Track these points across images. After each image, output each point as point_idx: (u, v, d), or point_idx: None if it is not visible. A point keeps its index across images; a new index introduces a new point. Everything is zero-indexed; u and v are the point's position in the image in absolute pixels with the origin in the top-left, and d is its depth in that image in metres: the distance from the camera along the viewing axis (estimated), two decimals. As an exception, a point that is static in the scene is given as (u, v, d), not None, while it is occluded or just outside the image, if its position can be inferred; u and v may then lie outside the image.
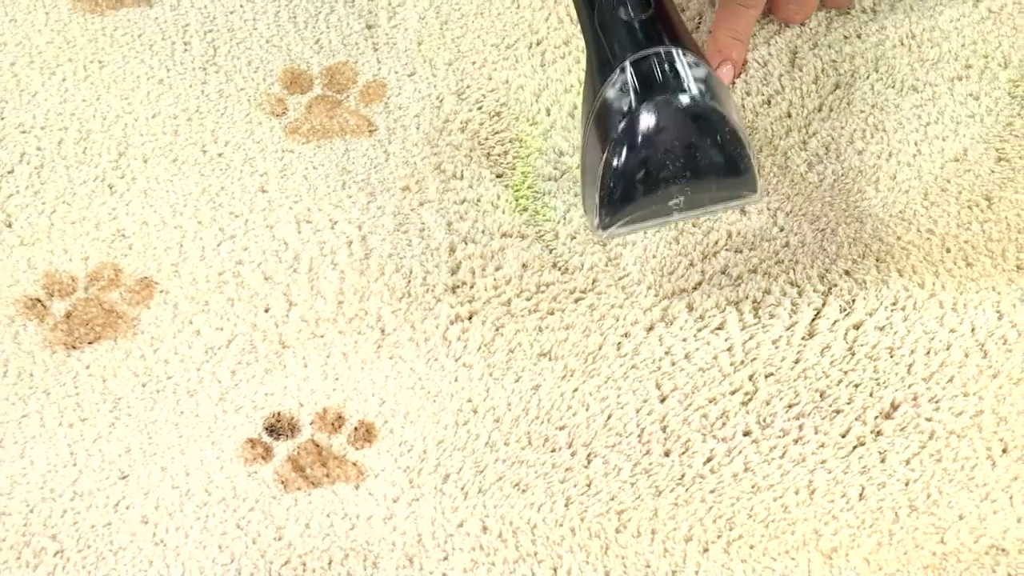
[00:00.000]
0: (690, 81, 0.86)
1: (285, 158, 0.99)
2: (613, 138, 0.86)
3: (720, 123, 0.87)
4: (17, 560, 0.86)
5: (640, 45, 0.87)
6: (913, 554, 0.86)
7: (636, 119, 0.86)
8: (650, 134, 0.86)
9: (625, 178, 0.88)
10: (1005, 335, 0.93)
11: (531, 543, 0.87)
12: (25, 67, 1.02)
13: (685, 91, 0.86)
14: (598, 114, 0.88)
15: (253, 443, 0.90)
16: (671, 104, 0.86)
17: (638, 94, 0.86)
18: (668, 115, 0.86)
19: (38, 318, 0.94)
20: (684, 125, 0.87)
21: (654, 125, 0.86)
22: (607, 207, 0.89)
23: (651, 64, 0.87)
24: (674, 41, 0.88)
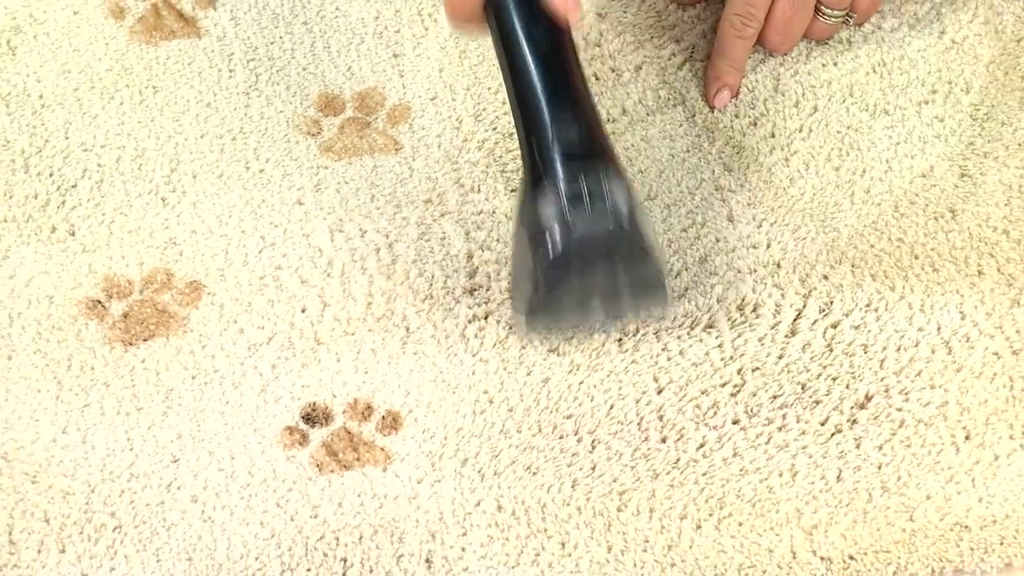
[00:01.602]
0: (615, 207, 0.85)
1: (320, 174, 0.99)
2: (543, 257, 0.86)
3: (638, 246, 0.87)
4: (80, 534, 0.86)
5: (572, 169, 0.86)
6: (885, 530, 0.86)
7: (565, 239, 0.85)
8: (578, 255, 0.86)
9: (555, 299, 0.88)
10: (968, 333, 0.92)
11: (541, 520, 0.87)
12: (87, 92, 1.02)
13: (611, 216, 0.85)
14: (530, 228, 0.86)
15: (291, 430, 0.90)
16: (597, 229, 0.85)
17: (568, 214, 0.85)
18: (593, 239, 0.85)
19: (98, 317, 0.94)
20: (607, 249, 0.86)
21: (581, 247, 0.85)
22: (533, 316, 0.90)
23: (582, 192, 0.85)
24: (602, 162, 0.86)
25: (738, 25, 1.00)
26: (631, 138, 1.00)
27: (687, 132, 1.00)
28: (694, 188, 0.98)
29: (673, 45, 1.04)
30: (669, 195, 0.98)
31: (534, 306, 0.89)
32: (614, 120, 1.00)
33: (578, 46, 1.02)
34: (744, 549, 0.86)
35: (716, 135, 1.00)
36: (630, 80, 1.03)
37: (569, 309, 0.90)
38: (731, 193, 0.98)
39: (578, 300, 0.89)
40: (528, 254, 0.87)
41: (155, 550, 0.86)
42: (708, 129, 1.00)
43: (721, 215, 0.97)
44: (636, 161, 0.99)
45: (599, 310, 0.91)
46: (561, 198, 0.85)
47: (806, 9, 1.00)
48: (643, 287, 0.90)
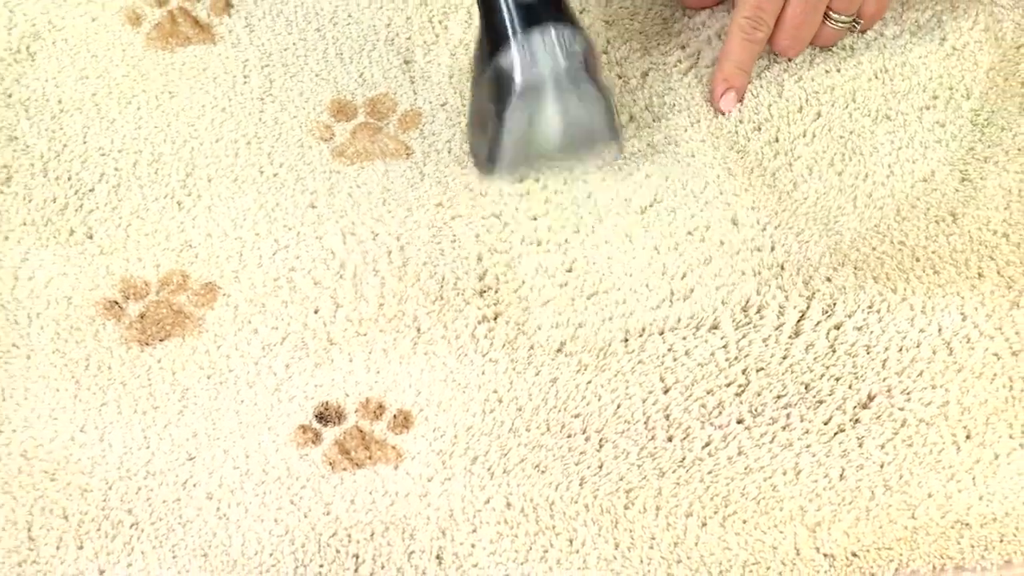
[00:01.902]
0: (569, 54, 0.91)
1: (332, 178, 0.99)
2: (505, 102, 0.91)
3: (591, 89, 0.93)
4: (98, 531, 0.86)
5: (528, 23, 0.91)
6: (887, 528, 0.86)
7: (524, 87, 0.91)
8: (536, 101, 0.92)
9: (513, 139, 0.93)
10: (968, 335, 0.92)
11: (550, 518, 0.87)
12: (105, 97, 1.02)
13: (564, 63, 0.91)
14: (491, 78, 0.92)
15: (304, 429, 0.90)
16: (553, 75, 0.91)
17: (525, 64, 0.91)
18: (550, 85, 0.92)
19: (116, 318, 0.94)
20: (563, 93, 0.92)
21: (538, 95, 0.92)
22: (498, 155, 0.95)
23: (537, 39, 0.91)
24: (557, 18, 0.92)
25: (748, 29, 1.00)
26: (638, 143, 1.00)
27: (692, 137, 1.00)
28: (699, 192, 0.98)
29: (679, 52, 1.04)
30: (674, 199, 0.98)
31: (493, 148, 0.94)
32: (622, 126, 1.00)
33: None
34: (749, 546, 0.86)
35: (720, 140, 1.00)
36: (637, 86, 1.03)
37: (527, 147, 0.95)
38: (735, 197, 0.98)
39: (536, 140, 0.94)
40: (487, 98, 0.92)
41: (171, 546, 0.86)
42: (713, 134, 1.00)
43: (726, 218, 0.97)
44: (642, 166, 0.99)
45: (555, 148, 0.95)
46: (518, 43, 0.91)
47: (816, 13, 1.00)
48: (595, 128, 0.95)
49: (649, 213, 0.97)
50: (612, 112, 0.95)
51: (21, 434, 0.89)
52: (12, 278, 0.95)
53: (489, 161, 0.96)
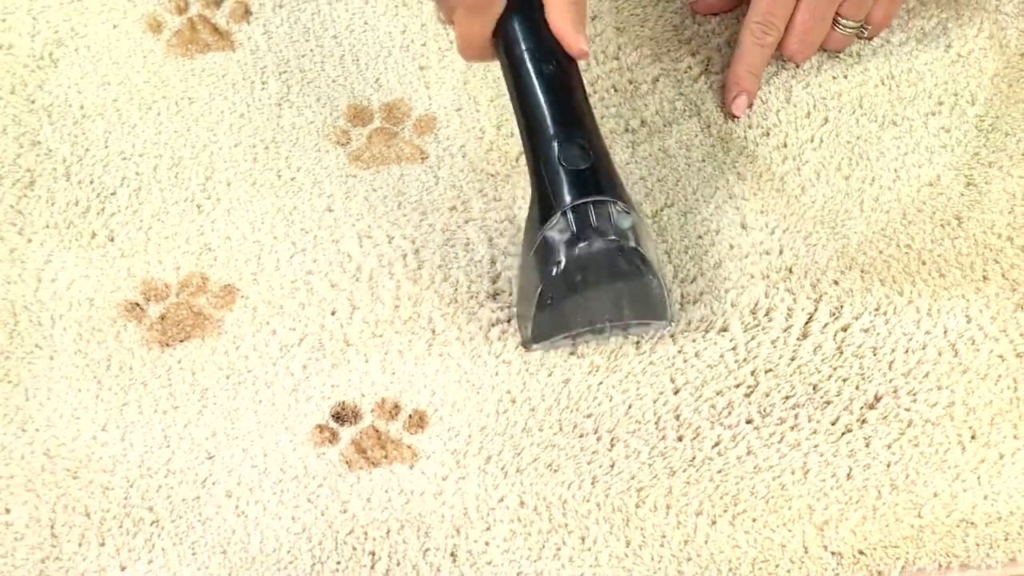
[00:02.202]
0: (619, 228, 0.87)
1: (349, 182, 0.99)
2: (550, 274, 0.87)
3: (640, 265, 0.88)
4: (120, 528, 0.86)
5: (578, 194, 0.87)
6: (894, 527, 0.86)
7: (571, 260, 0.86)
8: (582, 274, 0.87)
9: (556, 311, 0.89)
10: (973, 336, 0.92)
11: (562, 516, 0.86)
12: (126, 103, 1.02)
13: (614, 237, 0.87)
14: (538, 248, 0.87)
15: (321, 428, 0.90)
16: (601, 247, 0.87)
17: (574, 237, 0.86)
18: (598, 257, 0.87)
19: (137, 319, 0.94)
20: (611, 267, 0.88)
21: (586, 267, 0.87)
22: (538, 330, 0.90)
23: (587, 211, 0.87)
24: (608, 191, 0.87)
25: (759, 33, 0.99)
26: (649, 148, 1.00)
27: (703, 142, 1.00)
28: (709, 196, 0.98)
29: (689, 58, 1.04)
30: (685, 203, 0.98)
31: (539, 323, 0.90)
32: (633, 131, 1.00)
33: (597, 59, 1.03)
34: (758, 544, 0.85)
35: (730, 145, 1.00)
36: (648, 92, 1.02)
37: (573, 326, 0.91)
38: (745, 201, 0.98)
39: (581, 317, 0.90)
40: (535, 272, 0.88)
41: (191, 543, 0.86)
42: (723, 139, 1.00)
43: (735, 222, 0.97)
44: (654, 170, 0.99)
45: (602, 327, 0.91)
46: (568, 219, 0.87)
47: (825, 19, 1.00)
48: (645, 305, 0.90)
49: (660, 217, 0.97)
50: (662, 288, 0.89)
51: (44, 433, 0.89)
52: (35, 280, 0.95)
53: (532, 339, 0.91)
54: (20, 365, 0.92)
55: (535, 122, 0.90)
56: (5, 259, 0.96)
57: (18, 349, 0.92)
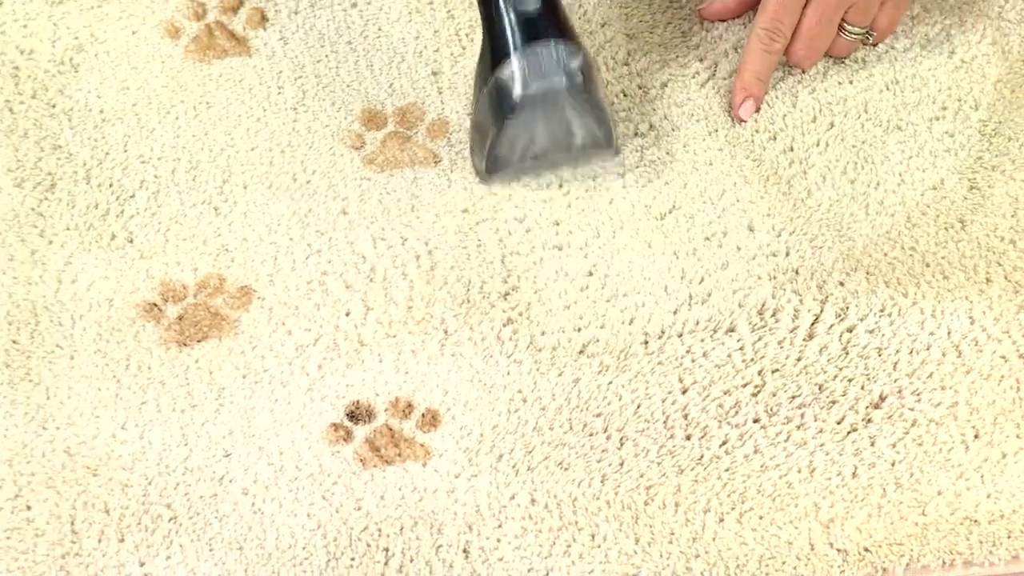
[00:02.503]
0: (568, 68, 0.92)
1: (363, 185, 0.99)
2: (504, 114, 0.92)
3: (588, 101, 0.93)
4: (138, 525, 0.86)
5: (528, 37, 0.92)
6: (898, 524, 0.86)
7: (523, 101, 0.92)
8: (533, 113, 0.92)
9: (512, 147, 0.94)
10: (976, 338, 0.92)
11: (572, 513, 0.86)
12: (145, 107, 1.02)
13: (562, 77, 0.92)
14: (491, 90, 0.93)
15: (336, 427, 0.90)
16: (552, 88, 0.92)
17: (525, 80, 0.92)
18: (548, 98, 0.92)
19: (155, 320, 0.94)
20: (561, 106, 0.93)
21: (537, 106, 0.92)
22: (495, 164, 0.95)
23: (536, 53, 0.92)
24: (556, 34, 0.93)
25: (766, 40, 0.99)
26: (657, 151, 1.00)
27: (710, 146, 1.00)
28: (716, 199, 0.98)
29: (697, 64, 1.03)
30: (692, 205, 0.98)
31: (493, 155, 0.94)
32: (642, 135, 1.00)
33: (607, 65, 1.03)
34: (764, 541, 0.85)
35: (737, 149, 1.00)
36: (656, 96, 1.02)
37: (524, 153, 0.95)
38: (751, 204, 0.97)
39: (534, 149, 0.95)
40: (488, 113, 0.93)
41: (208, 540, 0.86)
42: (730, 143, 1.00)
43: (742, 224, 0.97)
44: (662, 173, 0.99)
45: (552, 157, 0.96)
46: (520, 58, 0.91)
47: (831, 26, 1.00)
48: (593, 138, 0.95)
49: (668, 219, 0.97)
50: (608, 124, 0.95)
51: (64, 431, 0.89)
52: (56, 281, 0.95)
53: (487, 172, 0.96)
54: (41, 364, 0.92)
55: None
56: (27, 260, 0.96)
57: (39, 349, 0.92)
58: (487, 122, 0.94)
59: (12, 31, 1.05)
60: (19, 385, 0.91)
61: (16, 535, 0.86)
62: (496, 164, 0.96)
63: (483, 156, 0.95)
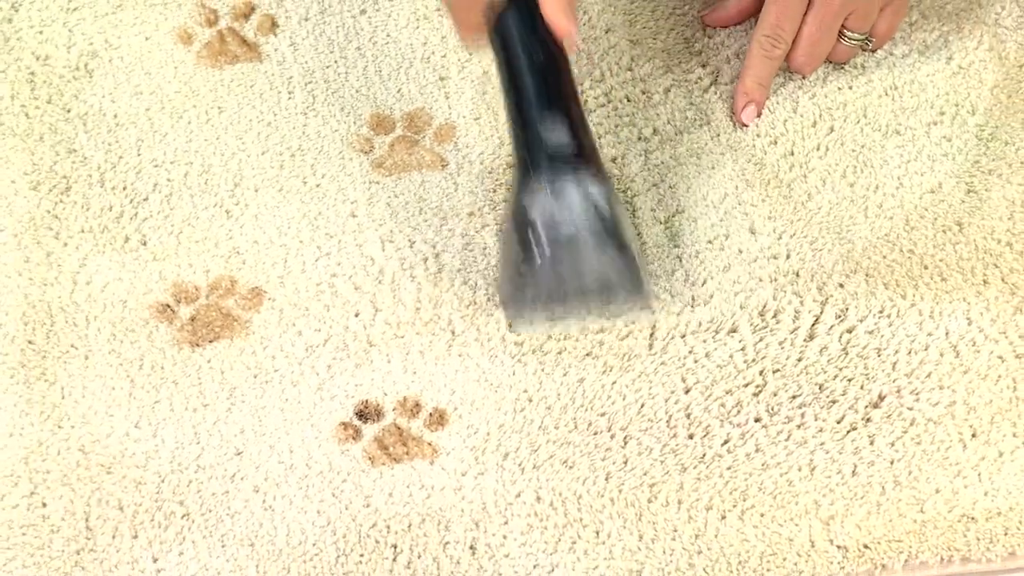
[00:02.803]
0: (599, 207, 0.86)
1: (372, 188, 0.99)
2: (530, 257, 0.87)
3: (616, 242, 0.87)
4: (151, 521, 0.86)
5: (558, 171, 0.87)
6: (897, 521, 0.86)
7: (549, 236, 0.86)
8: (558, 249, 0.86)
9: (536, 288, 0.88)
10: (974, 338, 0.92)
11: (577, 511, 0.86)
12: (158, 112, 1.02)
13: (591, 212, 0.86)
14: (518, 223, 0.87)
15: (345, 426, 0.90)
16: (580, 230, 0.86)
17: (554, 214, 0.86)
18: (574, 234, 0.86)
19: (168, 321, 0.94)
20: (587, 243, 0.87)
21: (563, 244, 0.86)
22: (519, 306, 0.90)
23: (566, 187, 0.86)
24: (585, 164, 0.87)
25: (767, 46, 0.99)
26: (660, 156, 0.99)
27: (712, 150, 1.00)
28: (718, 202, 0.98)
29: (700, 69, 1.03)
30: (695, 209, 0.97)
31: (519, 296, 0.90)
32: (646, 139, 1.00)
33: (611, 71, 1.03)
34: (766, 538, 0.85)
35: (739, 153, 1.00)
36: (660, 102, 1.02)
37: (552, 300, 0.90)
38: (753, 207, 0.97)
39: (560, 292, 0.89)
40: (516, 247, 0.88)
41: (220, 536, 0.86)
42: (732, 147, 1.00)
43: (744, 227, 0.97)
44: (666, 177, 0.99)
45: (580, 303, 0.90)
46: (547, 195, 0.86)
47: (831, 32, 1.00)
48: (621, 281, 0.89)
49: (672, 223, 0.97)
50: (638, 268, 0.89)
51: (79, 430, 0.89)
52: (71, 282, 0.95)
53: (513, 315, 0.91)
54: (56, 364, 0.92)
55: (520, 99, 0.89)
56: (42, 262, 0.96)
57: (54, 349, 0.92)
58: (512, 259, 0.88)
59: (28, 37, 1.05)
60: (35, 384, 0.91)
61: (32, 531, 0.86)
62: (523, 308, 0.90)
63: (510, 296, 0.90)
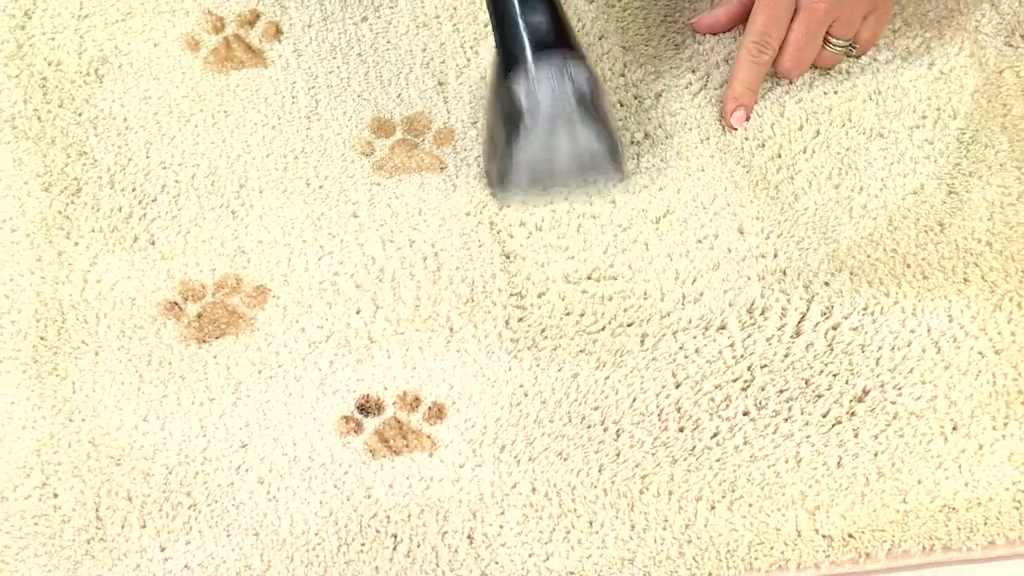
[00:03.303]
0: (576, 81, 0.91)
1: (373, 190, 0.99)
2: (514, 130, 0.91)
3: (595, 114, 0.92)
4: (159, 511, 0.86)
5: (538, 49, 0.91)
6: (881, 512, 0.86)
7: (532, 116, 0.90)
8: (544, 125, 0.91)
9: (522, 163, 0.92)
10: (955, 335, 0.92)
11: (571, 501, 0.86)
12: (166, 116, 1.02)
13: (571, 93, 0.90)
14: (503, 101, 0.91)
15: (347, 419, 0.89)
16: (560, 104, 0.90)
17: (534, 94, 0.90)
18: (557, 113, 0.91)
19: (175, 318, 0.94)
20: (569, 116, 0.91)
21: (545, 122, 0.91)
22: (506, 182, 0.94)
23: (547, 66, 0.90)
24: (566, 47, 0.91)
25: (755, 52, 0.99)
26: (651, 159, 0.99)
27: (702, 153, 1.00)
28: (708, 203, 0.98)
29: (690, 75, 1.03)
30: (685, 209, 0.97)
31: (506, 173, 0.93)
32: (637, 143, 1.00)
33: (605, 76, 1.03)
34: (754, 528, 0.85)
35: (728, 156, 1.00)
36: (651, 106, 1.02)
37: (537, 173, 0.93)
38: (741, 208, 0.97)
39: (544, 166, 0.92)
40: (501, 128, 0.91)
41: (226, 526, 0.86)
42: (721, 150, 1.00)
43: (732, 228, 0.96)
44: (657, 179, 0.98)
45: (562, 174, 0.94)
46: (531, 79, 0.89)
47: (816, 39, 1.00)
48: (600, 155, 0.93)
49: (663, 223, 0.97)
50: (614, 139, 0.94)
51: (90, 423, 0.89)
52: (82, 281, 0.95)
53: (500, 184, 0.95)
54: (68, 360, 0.92)
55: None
56: (54, 261, 0.95)
57: (66, 345, 0.92)
58: (499, 134, 0.93)
59: (40, 44, 1.05)
60: (47, 379, 0.91)
61: (44, 521, 0.86)
62: (509, 178, 0.95)
63: (496, 168, 0.94)
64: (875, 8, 1.00)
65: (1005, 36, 1.05)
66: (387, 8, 1.07)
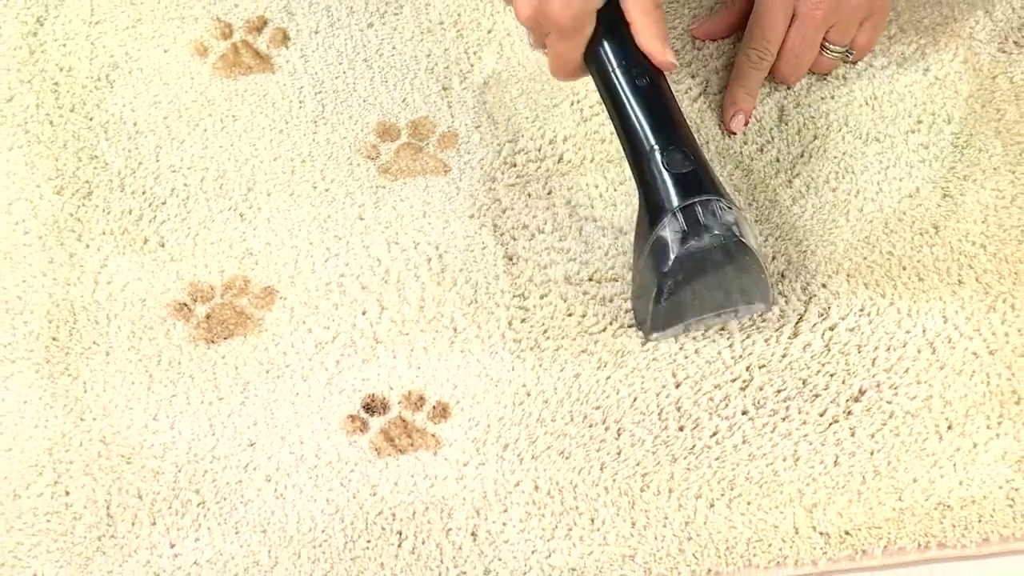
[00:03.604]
0: (724, 223, 0.87)
1: (378, 192, 0.99)
2: (665, 271, 0.87)
3: (746, 255, 0.88)
4: (169, 509, 0.86)
5: (684, 195, 0.87)
6: (877, 509, 0.85)
7: (684, 256, 0.86)
8: (694, 268, 0.87)
9: (673, 304, 0.89)
10: (950, 335, 0.91)
11: (573, 499, 0.86)
12: (175, 120, 1.02)
13: (720, 232, 0.86)
14: (652, 248, 0.87)
15: (353, 418, 0.89)
16: (711, 243, 0.86)
17: (685, 235, 0.86)
18: (708, 252, 0.87)
19: (184, 319, 0.94)
20: (720, 259, 0.87)
21: (697, 261, 0.87)
22: (657, 322, 0.90)
23: (694, 210, 0.87)
24: (711, 190, 0.87)
25: (754, 58, 0.99)
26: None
27: (701, 157, 1.00)
28: (707, 206, 0.97)
29: (690, 80, 1.03)
30: (685, 212, 0.97)
31: (654, 315, 0.89)
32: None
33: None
34: (752, 525, 0.85)
35: (727, 160, 1.00)
36: (651, 111, 1.02)
37: (688, 315, 0.90)
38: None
39: (695, 307, 0.90)
40: (651, 271, 0.87)
41: (234, 523, 0.86)
42: (720, 154, 1.00)
43: (731, 230, 0.96)
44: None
45: (711, 314, 0.91)
46: (678, 219, 0.86)
47: (814, 45, 0.99)
48: (750, 290, 0.90)
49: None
50: (764, 273, 0.89)
51: (100, 422, 0.89)
52: (93, 282, 0.95)
53: (651, 329, 0.91)
54: (79, 360, 0.92)
55: (636, 133, 0.89)
56: (65, 263, 0.95)
57: (77, 345, 0.92)
58: (650, 279, 0.88)
59: (52, 50, 1.05)
60: (58, 379, 0.91)
61: (56, 518, 0.86)
62: (658, 323, 0.90)
63: (647, 313, 0.90)
64: (871, 14, 1.00)
65: (999, 42, 1.04)
66: (392, 15, 1.07)
